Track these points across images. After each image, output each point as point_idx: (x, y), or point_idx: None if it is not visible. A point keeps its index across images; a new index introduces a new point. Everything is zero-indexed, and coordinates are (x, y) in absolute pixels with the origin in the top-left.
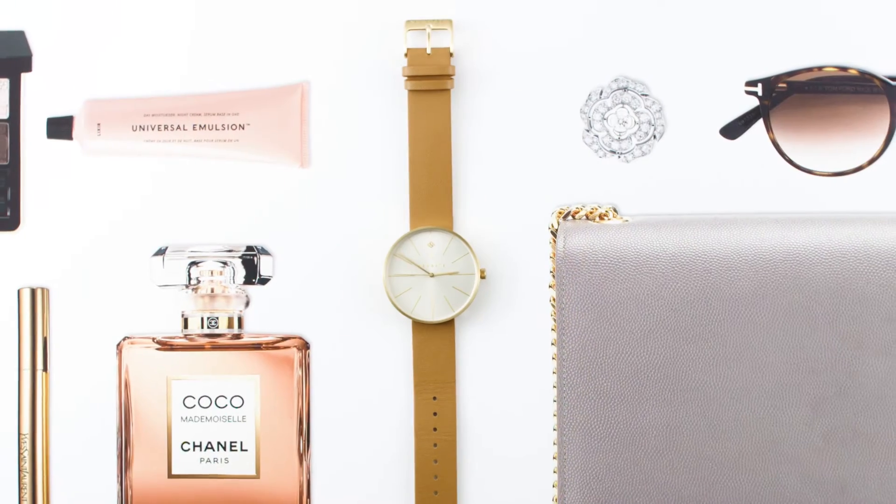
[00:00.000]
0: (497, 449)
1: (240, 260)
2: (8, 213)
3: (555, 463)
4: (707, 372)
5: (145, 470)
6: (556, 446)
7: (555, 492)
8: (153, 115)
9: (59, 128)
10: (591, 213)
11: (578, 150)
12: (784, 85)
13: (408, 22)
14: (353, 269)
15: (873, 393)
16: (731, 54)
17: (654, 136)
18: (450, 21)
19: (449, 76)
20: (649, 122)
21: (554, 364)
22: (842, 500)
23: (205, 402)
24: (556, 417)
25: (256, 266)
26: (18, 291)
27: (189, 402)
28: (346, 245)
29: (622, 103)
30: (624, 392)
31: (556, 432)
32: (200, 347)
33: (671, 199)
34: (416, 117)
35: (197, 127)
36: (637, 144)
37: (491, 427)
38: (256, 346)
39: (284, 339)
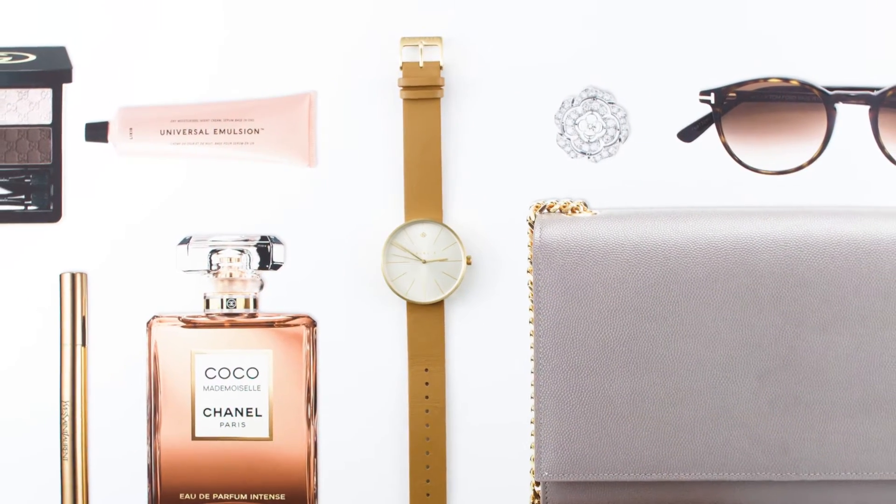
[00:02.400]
0: (481, 415)
1: (255, 248)
2: (51, 207)
3: (532, 427)
4: (666, 347)
5: (172, 433)
6: (533, 412)
7: (532, 452)
8: (179, 121)
9: (96, 132)
10: (564, 206)
11: (553, 152)
12: (734, 94)
13: (403, 39)
14: (354, 256)
15: (812, 365)
16: (687, 67)
17: (620, 140)
18: (440, 38)
19: (439, 87)
20: (615, 127)
21: (531, 340)
22: (784, 459)
23: (224, 373)
24: (533, 387)
25: (269, 253)
26: (60, 276)
27: (210, 373)
28: (349, 235)
29: (591, 110)
30: (593, 364)
31: (533, 400)
32: (220, 325)
33: (635, 194)
34: (410, 123)
35: (217, 131)
36: (604, 147)
37: (476, 395)
38: (269, 324)
39: (294, 317)
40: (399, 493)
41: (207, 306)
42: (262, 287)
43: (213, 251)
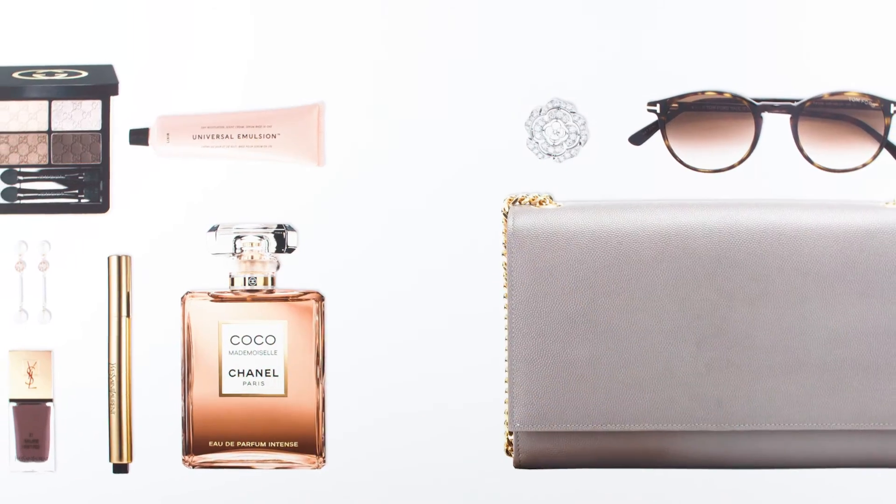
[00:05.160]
0: (463, 374)
1: (272, 234)
2: (100, 200)
3: (506, 385)
4: (619, 318)
5: (202, 390)
6: (507, 373)
7: (506, 407)
8: (208, 127)
9: (139, 137)
10: (533, 199)
11: (523, 154)
12: (676, 105)
13: None
14: (356, 242)
15: (742, 333)
16: (637, 81)
17: (580, 143)
18: None
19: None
20: (576, 133)
21: (506, 312)
22: (719, 413)
23: (246, 340)
24: (507, 352)
25: (285, 239)
26: (108, 258)
27: (234, 340)
28: (351, 226)
29: (556, 118)
30: (557, 332)
31: (507, 363)
32: (243, 299)
33: (593, 189)
34: None
35: (241, 136)
36: (567, 149)
37: (458, 358)
38: (285, 299)
39: (306, 293)
40: (393, 440)
41: (232, 284)
42: (278, 267)
43: (237, 237)
